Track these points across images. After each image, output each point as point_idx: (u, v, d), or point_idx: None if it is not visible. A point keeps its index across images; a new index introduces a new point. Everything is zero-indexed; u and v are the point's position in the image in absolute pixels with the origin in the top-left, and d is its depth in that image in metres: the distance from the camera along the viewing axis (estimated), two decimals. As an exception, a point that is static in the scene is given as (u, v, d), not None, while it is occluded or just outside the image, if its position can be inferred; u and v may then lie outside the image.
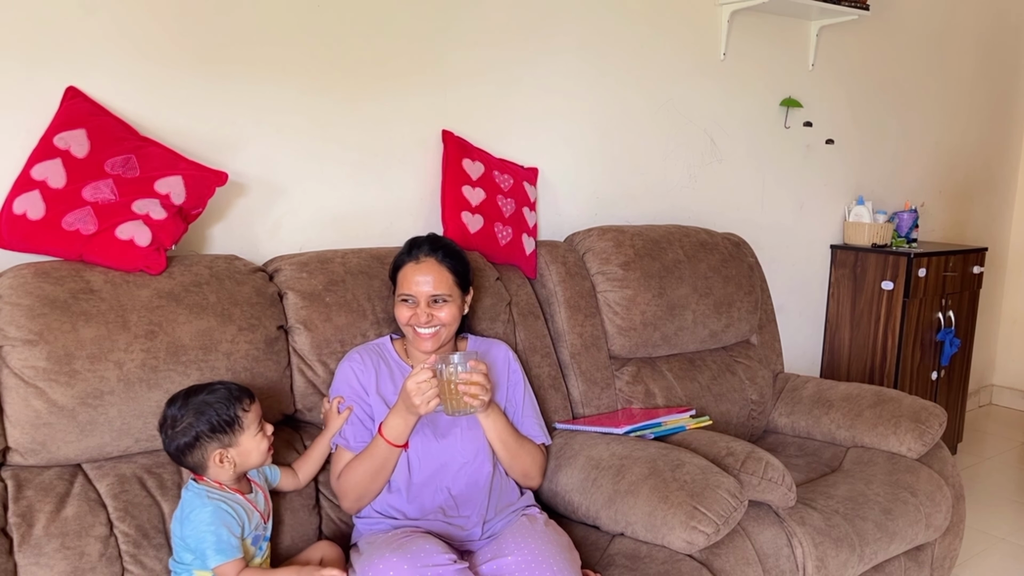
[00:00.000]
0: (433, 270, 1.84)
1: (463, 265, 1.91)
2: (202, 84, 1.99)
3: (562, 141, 2.69)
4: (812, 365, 3.64)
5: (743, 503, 1.86)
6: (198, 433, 1.55)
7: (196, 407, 1.56)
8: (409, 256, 1.88)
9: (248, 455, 1.59)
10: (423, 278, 1.83)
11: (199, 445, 1.56)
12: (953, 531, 2.45)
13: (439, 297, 1.84)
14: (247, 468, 1.61)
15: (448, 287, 1.85)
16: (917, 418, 2.43)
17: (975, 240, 4.34)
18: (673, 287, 2.50)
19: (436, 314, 1.83)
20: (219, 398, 1.57)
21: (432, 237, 1.93)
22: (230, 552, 1.51)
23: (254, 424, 1.60)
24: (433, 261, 1.85)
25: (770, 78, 3.23)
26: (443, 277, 1.85)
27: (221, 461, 1.56)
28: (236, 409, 1.57)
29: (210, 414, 1.56)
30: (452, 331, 1.88)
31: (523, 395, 2.00)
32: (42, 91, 1.78)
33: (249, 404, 1.60)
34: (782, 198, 3.40)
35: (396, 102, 2.31)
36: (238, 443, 1.57)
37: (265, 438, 1.62)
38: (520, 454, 1.91)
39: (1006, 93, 4.38)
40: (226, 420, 1.56)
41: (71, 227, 1.72)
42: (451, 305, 1.85)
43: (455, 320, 1.87)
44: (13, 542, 1.54)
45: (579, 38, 2.67)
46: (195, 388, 1.61)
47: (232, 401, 1.58)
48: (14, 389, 1.59)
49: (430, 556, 1.51)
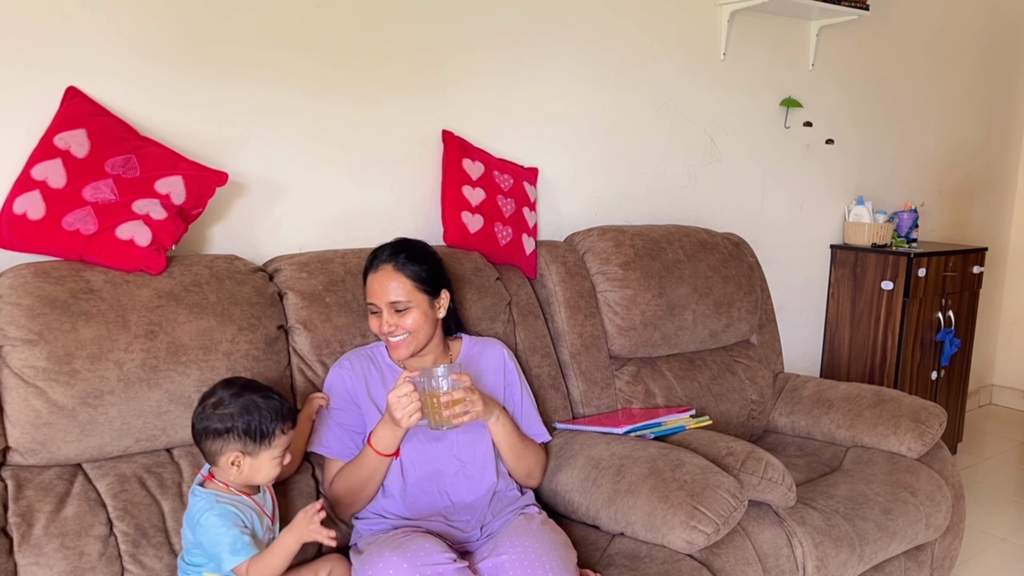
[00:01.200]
0: (389, 277, 1.80)
1: (427, 268, 1.84)
2: (202, 84, 1.99)
3: (562, 141, 2.69)
4: (812, 365, 3.64)
5: (743, 503, 1.86)
6: (232, 427, 1.52)
7: (245, 403, 1.53)
8: (370, 265, 1.84)
9: (258, 471, 1.56)
10: (380, 286, 1.80)
11: (225, 438, 1.52)
12: (953, 531, 2.45)
13: (399, 304, 1.79)
14: (251, 481, 1.58)
15: (406, 293, 1.79)
16: (917, 418, 2.43)
17: (975, 240, 4.34)
18: (673, 287, 2.50)
19: (400, 322, 1.79)
20: (270, 407, 1.54)
21: (396, 242, 1.87)
22: (245, 550, 1.49)
23: (280, 448, 1.56)
24: (390, 268, 1.80)
25: (770, 78, 3.24)
26: (401, 283, 1.79)
27: (233, 463, 1.53)
28: (276, 426, 1.54)
29: (253, 416, 1.52)
30: (423, 337, 1.83)
31: (521, 394, 1.99)
32: (42, 91, 1.78)
33: (289, 428, 1.58)
34: (782, 198, 3.40)
35: (396, 102, 2.31)
36: (258, 455, 1.54)
37: (279, 466, 1.58)
38: (525, 455, 1.92)
39: (1006, 93, 4.38)
40: (263, 431, 1.53)
41: (71, 227, 1.72)
42: (415, 311, 1.80)
43: (422, 326, 1.82)
44: (13, 542, 1.54)
45: (579, 38, 2.67)
46: (255, 385, 1.58)
47: (278, 417, 1.55)
48: (14, 389, 1.59)
49: (430, 555, 1.51)
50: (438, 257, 1.91)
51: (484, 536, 1.78)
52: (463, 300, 2.13)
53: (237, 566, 1.49)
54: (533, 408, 2.02)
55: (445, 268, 1.92)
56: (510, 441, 1.87)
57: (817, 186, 3.52)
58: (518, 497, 1.92)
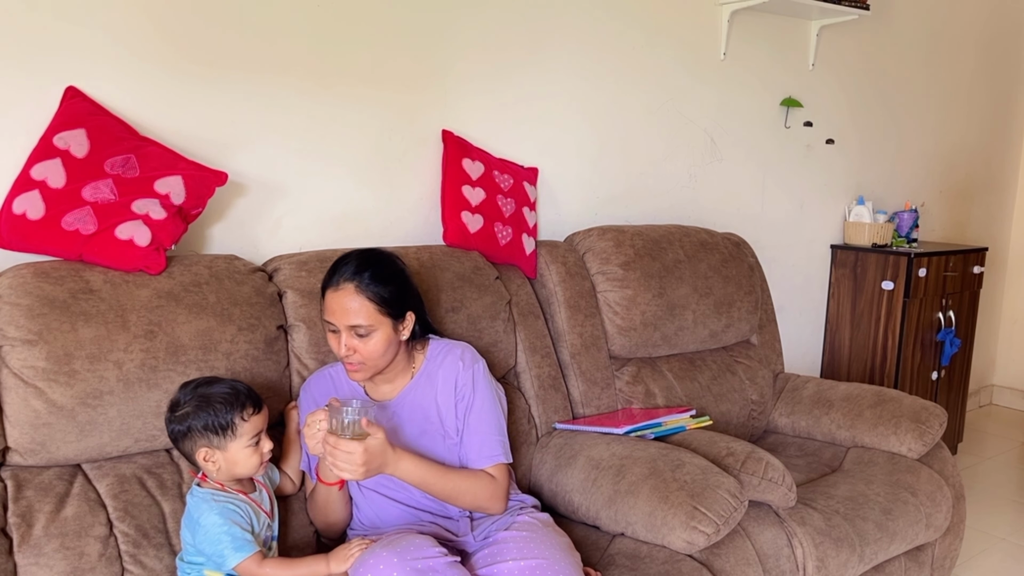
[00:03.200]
0: (350, 298, 1.64)
1: (393, 289, 1.68)
2: (202, 84, 1.98)
3: (562, 141, 2.69)
4: (812, 365, 3.64)
5: (743, 503, 1.85)
6: (190, 426, 1.53)
7: (199, 399, 1.54)
8: (329, 280, 1.68)
9: (235, 463, 1.55)
10: (339, 307, 1.65)
11: (189, 437, 1.54)
12: (953, 531, 2.45)
13: (360, 329, 1.65)
14: (234, 475, 1.57)
15: (368, 316, 1.65)
16: (917, 418, 2.43)
17: (975, 240, 4.34)
18: (673, 287, 2.50)
19: (360, 347, 1.66)
20: (223, 398, 1.54)
21: (360, 257, 1.70)
22: (247, 548, 1.50)
23: (248, 435, 1.55)
24: (351, 289, 1.65)
25: (770, 78, 3.23)
26: (362, 306, 1.64)
27: (206, 460, 1.54)
28: (234, 415, 1.53)
29: (208, 411, 1.53)
30: (383, 362, 1.71)
31: (470, 411, 1.79)
32: (42, 91, 1.78)
33: (251, 414, 1.56)
34: (782, 198, 3.39)
35: (396, 102, 2.31)
36: (226, 448, 1.54)
37: (257, 453, 1.57)
38: (459, 493, 1.72)
39: (1006, 93, 4.38)
40: (221, 424, 1.53)
41: (71, 227, 1.71)
42: (377, 335, 1.66)
43: (383, 353, 1.68)
44: (13, 542, 1.53)
45: (579, 38, 2.67)
46: (211, 380, 1.59)
47: (233, 405, 1.54)
48: (13, 389, 1.59)
49: (420, 550, 1.50)
50: (406, 275, 1.75)
51: (480, 538, 1.74)
52: (463, 299, 2.13)
53: (239, 564, 1.49)
54: (489, 427, 1.79)
55: (413, 286, 1.77)
56: (432, 489, 1.69)
57: (817, 186, 3.52)
58: (516, 502, 1.86)
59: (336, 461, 1.55)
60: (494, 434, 1.80)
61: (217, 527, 1.50)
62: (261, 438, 1.58)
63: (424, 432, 1.78)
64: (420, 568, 1.46)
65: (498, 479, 1.78)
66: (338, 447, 1.54)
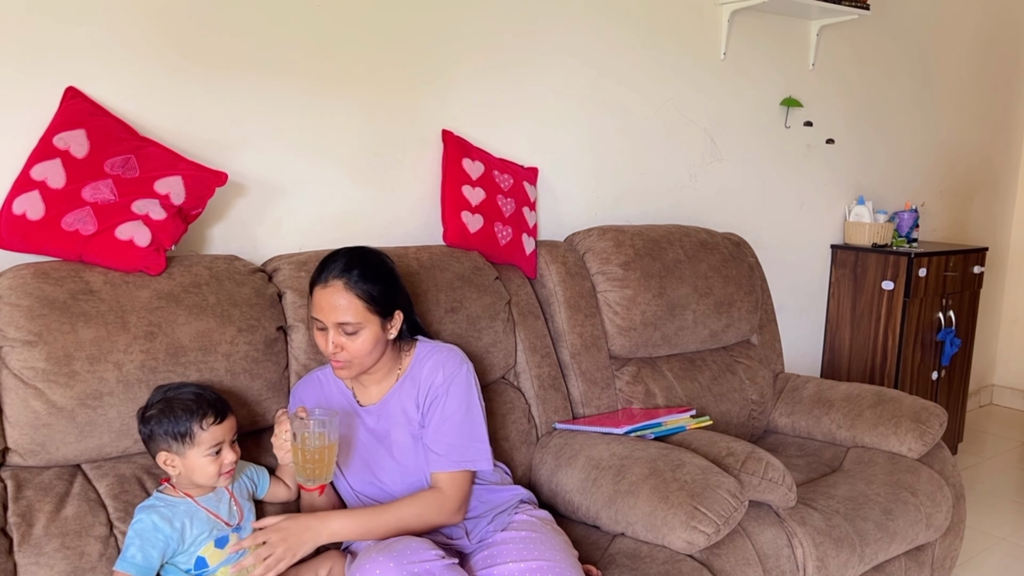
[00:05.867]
0: (339, 295, 1.64)
1: (382, 287, 1.68)
2: (202, 84, 1.98)
3: (562, 141, 2.69)
4: (812, 365, 3.64)
5: (743, 503, 1.85)
6: (152, 430, 1.55)
7: (164, 404, 1.55)
8: (318, 277, 1.68)
9: (192, 471, 1.55)
10: (328, 304, 1.64)
11: (153, 440, 1.55)
12: (953, 531, 2.45)
13: (348, 327, 1.64)
14: (194, 481, 1.56)
15: (356, 314, 1.64)
16: (917, 418, 2.43)
17: (975, 240, 4.34)
18: (673, 287, 2.50)
19: (347, 344, 1.65)
20: (185, 405, 1.54)
21: (349, 256, 1.69)
22: (127, 567, 1.50)
23: (207, 444, 1.53)
24: (340, 285, 1.64)
25: (770, 78, 3.23)
26: (351, 303, 1.64)
27: (166, 463, 1.55)
28: (193, 423, 1.53)
29: (169, 417, 1.54)
30: (370, 361, 1.69)
31: (434, 416, 1.74)
32: (42, 91, 1.78)
33: (211, 423, 1.54)
34: (782, 198, 3.39)
35: (396, 102, 2.31)
36: (185, 455, 1.54)
37: (216, 462, 1.54)
38: (405, 522, 1.65)
39: (1006, 93, 4.38)
40: (180, 431, 1.53)
41: (71, 227, 1.71)
42: (365, 333, 1.65)
43: (371, 350, 1.67)
44: (13, 542, 1.53)
45: (579, 37, 2.66)
46: (182, 385, 1.61)
47: (194, 414, 1.53)
48: (13, 390, 1.59)
49: (416, 553, 1.49)
50: (395, 274, 1.75)
51: (476, 541, 1.72)
52: (463, 300, 2.12)
53: (115, 573, 1.51)
54: (451, 431, 1.73)
55: (402, 285, 1.77)
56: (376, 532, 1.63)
57: (817, 186, 3.52)
58: (510, 495, 1.84)
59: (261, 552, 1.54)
60: (459, 438, 1.73)
61: (130, 532, 1.53)
62: (223, 448, 1.56)
63: (411, 435, 1.76)
64: (417, 572, 1.46)
65: (445, 490, 1.70)
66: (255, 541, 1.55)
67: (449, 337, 2.07)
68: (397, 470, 1.76)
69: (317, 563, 1.66)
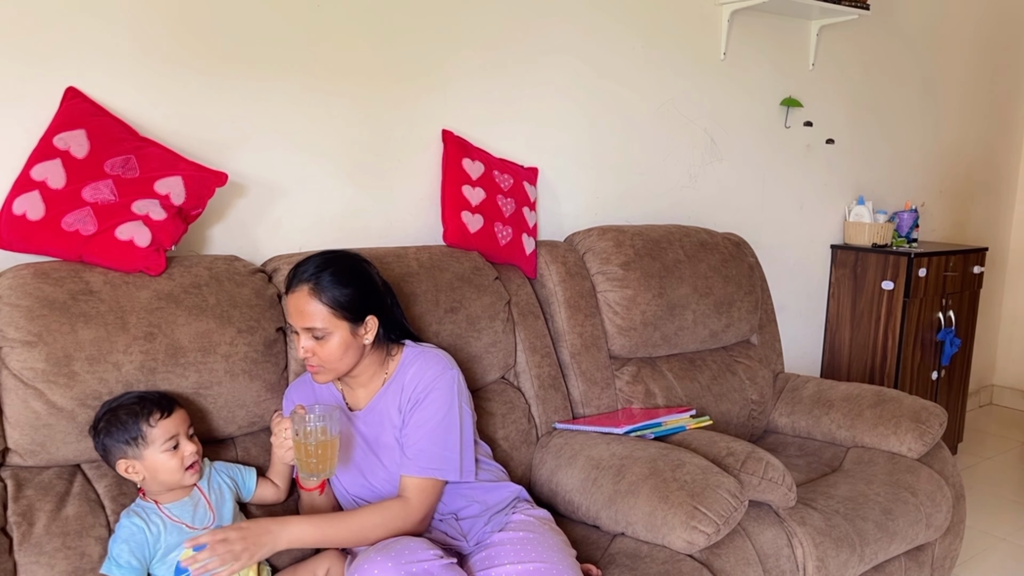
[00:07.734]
0: (304, 301, 1.62)
1: (350, 292, 1.64)
2: (202, 84, 1.98)
3: (562, 141, 2.69)
4: (812, 365, 3.64)
5: (743, 503, 1.85)
6: (104, 443, 1.56)
7: (109, 416, 1.56)
8: (288, 282, 1.67)
9: (155, 470, 1.55)
10: (295, 309, 1.64)
11: (109, 453, 1.56)
12: (953, 531, 2.45)
13: (315, 332, 1.63)
14: (163, 484, 1.57)
15: (323, 320, 1.62)
16: (917, 418, 2.43)
17: (975, 240, 4.34)
18: (673, 287, 2.50)
19: (316, 350, 1.64)
20: (128, 409, 1.55)
21: (320, 259, 1.67)
22: (112, 570, 1.51)
23: (161, 439, 1.54)
24: (306, 291, 1.62)
25: (770, 78, 3.23)
26: (316, 309, 1.62)
27: (127, 471, 1.56)
28: (140, 423, 1.54)
29: (116, 425, 1.55)
30: (343, 366, 1.67)
31: (411, 420, 1.70)
32: (42, 91, 1.78)
33: (159, 418, 1.55)
34: (782, 198, 3.39)
35: (396, 102, 2.31)
36: (143, 457, 1.54)
37: (177, 456, 1.55)
38: (366, 531, 1.62)
39: (1006, 93, 4.38)
40: (130, 435, 1.54)
41: (71, 227, 1.71)
42: (334, 338, 1.63)
43: (340, 356, 1.65)
44: (13, 541, 1.54)
45: (579, 37, 2.67)
46: (124, 395, 1.61)
47: (139, 415, 1.54)
48: (13, 391, 1.59)
49: (414, 553, 1.49)
50: (368, 277, 1.70)
51: (473, 542, 1.72)
52: (463, 300, 2.13)
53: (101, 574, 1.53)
54: (426, 437, 1.69)
55: (377, 289, 1.72)
56: (335, 540, 1.62)
57: (817, 186, 3.52)
58: (506, 494, 1.82)
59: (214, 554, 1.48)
60: (431, 445, 1.69)
61: (114, 536, 1.55)
62: (179, 441, 1.57)
63: (396, 440, 1.74)
64: (415, 572, 1.46)
65: (411, 499, 1.66)
66: (214, 537, 1.49)
67: (449, 337, 2.08)
68: (386, 473, 1.74)
69: (316, 563, 1.66)
